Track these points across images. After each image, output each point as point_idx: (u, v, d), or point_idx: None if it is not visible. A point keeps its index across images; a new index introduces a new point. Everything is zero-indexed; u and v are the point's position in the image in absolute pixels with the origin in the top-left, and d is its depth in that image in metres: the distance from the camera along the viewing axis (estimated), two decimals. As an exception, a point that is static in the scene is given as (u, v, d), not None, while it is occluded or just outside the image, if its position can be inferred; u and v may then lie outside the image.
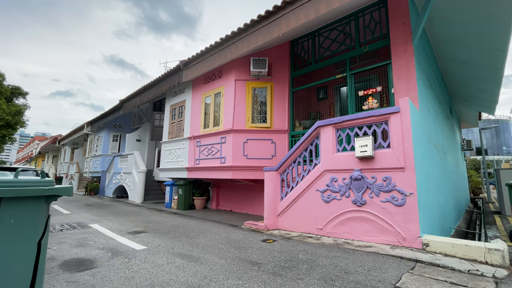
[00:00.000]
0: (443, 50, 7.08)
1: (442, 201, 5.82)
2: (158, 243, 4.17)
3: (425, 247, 3.62)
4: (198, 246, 3.99)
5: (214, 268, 3.03)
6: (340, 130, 4.81)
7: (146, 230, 5.24)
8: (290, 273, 2.87)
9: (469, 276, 2.80)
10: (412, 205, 3.74)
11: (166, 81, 8.93)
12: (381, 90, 5.45)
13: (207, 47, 7.13)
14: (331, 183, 4.67)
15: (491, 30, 5.46)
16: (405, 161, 3.86)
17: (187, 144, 8.32)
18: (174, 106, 9.33)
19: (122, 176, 12.22)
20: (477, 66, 7.19)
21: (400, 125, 3.98)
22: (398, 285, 2.55)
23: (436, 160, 5.81)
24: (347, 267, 3.07)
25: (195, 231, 5.14)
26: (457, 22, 5.67)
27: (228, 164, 6.70)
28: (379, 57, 5.88)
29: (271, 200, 5.49)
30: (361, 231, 4.23)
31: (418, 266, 3.08)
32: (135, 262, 3.26)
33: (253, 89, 7.06)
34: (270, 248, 3.89)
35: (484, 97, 9.55)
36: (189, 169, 8.08)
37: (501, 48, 6.00)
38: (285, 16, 5.42)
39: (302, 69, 6.97)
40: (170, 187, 9.19)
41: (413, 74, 4.71)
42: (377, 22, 5.48)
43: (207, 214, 7.62)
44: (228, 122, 6.89)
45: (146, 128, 13.68)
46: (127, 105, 11.76)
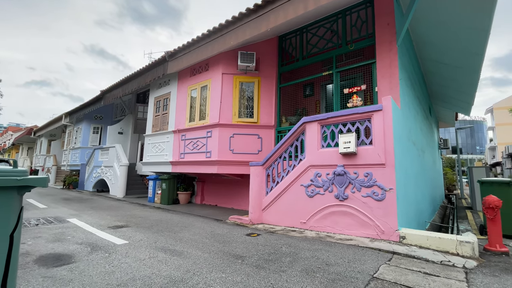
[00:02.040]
0: (425, 51, 7.33)
1: (419, 196, 6.10)
2: (140, 238, 4.09)
3: (402, 239, 3.79)
4: (181, 241, 3.96)
5: (198, 262, 3.02)
6: (325, 126, 4.89)
7: (128, 224, 5.13)
8: (273, 266, 2.92)
9: (442, 267, 2.97)
10: (391, 200, 3.89)
11: (150, 72, 8.68)
12: (366, 89, 5.57)
13: (194, 39, 6.98)
14: (315, 178, 4.76)
15: (471, 34, 5.71)
16: (386, 158, 4.00)
17: (171, 137, 8.16)
18: (159, 99, 9.10)
19: (103, 169, 11.82)
20: (456, 68, 7.52)
21: (382, 122, 4.10)
22: (376, 276, 2.65)
23: (414, 158, 6.06)
24: (328, 259, 3.16)
25: (178, 226, 5.09)
26: (439, 25, 5.88)
27: (214, 159, 6.65)
28: (364, 55, 6.00)
29: (256, 194, 5.52)
30: (343, 225, 4.35)
31: (395, 258, 3.22)
32: (115, 256, 3.19)
33: (241, 83, 7.00)
34: (254, 242, 3.92)
35: (461, 98, 10.02)
36: (173, 163, 7.95)
37: (478, 52, 6.30)
38: (274, 10, 5.39)
39: (290, 65, 6.99)
40: (153, 182, 9.01)
41: (396, 73, 4.86)
42: (364, 21, 5.58)
43: (191, 208, 7.56)
44: (215, 116, 6.82)
45: (128, 121, 13.27)
46: (109, 96, 11.33)
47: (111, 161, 11.28)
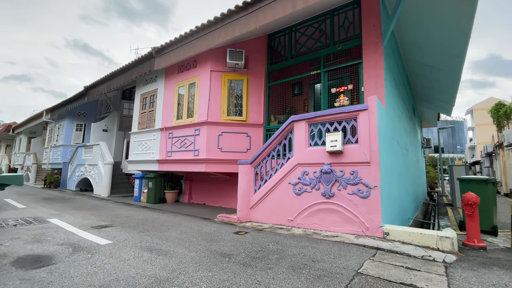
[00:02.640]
0: (409, 53, 7.54)
1: (403, 194, 6.28)
2: (125, 238, 4.00)
3: (385, 236, 3.89)
4: (168, 240, 3.90)
5: (184, 261, 2.98)
6: (312, 125, 4.94)
7: (112, 224, 5.00)
8: (260, 263, 2.92)
9: (423, 261, 3.07)
10: (376, 197, 3.98)
11: (136, 68, 8.47)
12: (352, 88, 5.67)
13: (182, 35, 6.87)
14: (302, 176, 4.80)
15: (452, 37, 5.92)
16: (371, 156, 4.09)
17: (158, 135, 8.01)
18: (145, 95, 8.90)
19: (86, 168, 11.47)
20: (438, 70, 7.78)
21: (368, 122, 4.18)
22: (360, 271, 2.71)
23: (398, 156, 6.23)
24: (314, 256, 3.20)
25: (165, 225, 5.01)
26: (423, 28, 6.06)
27: (202, 157, 6.58)
28: (351, 56, 6.10)
29: (244, 193, 5.51)
30: (329, 222, 4.42)
31: (379, 254, 3.30)
32: (98, 257, 3.10)
33: (229, 81, 6.96)
34: (241, 240, 3.92)
35: (443, 99, 10.39)
36: (160, 161, 7.81)
37: (459, 54, 6.54)
38: (262, 8, 5.38)
39: (279, 63, 7.01)
40: (139, 180, 8.83)
41: (381, 74, 4.96)
42: (351, 22, 5.66)
43: (178, 207, 7.46)
44: (203, 114, 6.75)
45: (113, 118, 12.92)
46: (93, 92, 10.99)
47: (95, 159, 10.96)
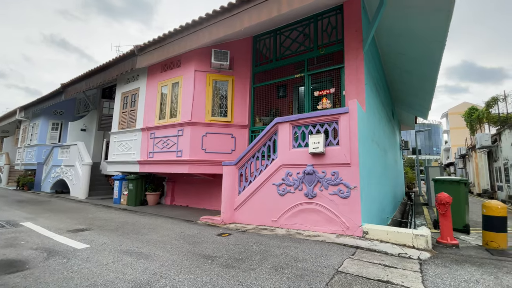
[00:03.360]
0: (388, 58, 7.85)
1: (382, 194, 6.52)
2: (104, 241, 3.86)
3: (365, 234, 4.03)
4: (149, 243, 3.81)
5: (165, 264, 2.93)
6: (296, 127, 5.02)
7: (90, 227, 4.82)
8: (243, 265, 2.93)
9: (399, 259, 3.21)
10: (356, 197, 4.11)
11: (117, 66, 8.22)
12: (334, 92, 5.82)
13: (166, 34, 6.75)
14: (286, 177, 4.87)
15: (429, 44, 6.23)
16: (351, 158, 4.22)
17: (139, 135, 7.81)
18: (126, 94, 8.65)
19: (62, 169, 10.95)
20: (416, 75, 8.16)
21: (348, 124, 4.31)
22: (340, 270, 2.79)
23: (378, 157, 6.46)
24: (297, 255, 3.25)
25: (146, 228, 4.89)
26: (401, 35, 6.33)
27: (185, 158, 6.49)
28: (334, 60, 6.25)
29: (228, 194, 5.49)
30: (312, 222, 4.51)
31: (358, 252, 3.41)
32: (75, 262, 2.98)
33: (214, 81, 6.91)
34: (225, 242, 3.90)
35: (420, 103, 10.89)
36: (141, 162, 7.62)
37: (435, 60, 6.90)
38: (248, 10, 5.41)
39: (264, 65, 7.06)
40: (119, 182, 8.55)
41: (362, 78, 5.13)
42: (334, 27, 5.81)
43: (160, 210, 7.30)
44: (186, 114, 6.66)
45: (93, 117, 12.44)
46: (71, 90, 10.53)
47: (73, 160, 10.50)
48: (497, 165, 15.85)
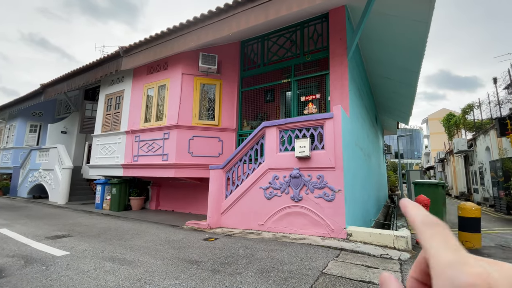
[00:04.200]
0: (372, 66, 8.14)
1: (365, 197, 6.70)
2: (85, 248, 3.74)
3: (349, 237, 4.13)
4: (132, 249, 3.73)
5: (150, 270, 2.88)
6: (283, 131, 5.10)
7: (70, 234, 4.64)
8: (229, 269, 2.93)
9: (381, 260, 3.31)
10: (340, 201, 4.21)
11: (102, 67, 8.03)
12: (320, 97, 5.96)
13: (153, 36, 6.69)
14: (273, 180, 4.91)
15: (408, 53, 6.52)
16: (336, 161, 4.33)
17: (124, 138, 7.63)
18: (110, 96, 8.45)
19: (41, 173, 10.49)
20: (397, 82, 8.49)
21: (333, 129, 4.43)
22: (324, 271, 2.85)
23: (361, 161, 6.65)
24: (282, 258, 3.28)
25: (130, 233, 4.77)
26: (384, 44, 6.60)
27: (171, 162, 6.40)
28: (319, 66, 6.41)
29: (215, 198, 5.47)
30: (298, 225, 4.56)
31: (342, 254, 3.49)
32: (54, 269, 2.87)
33: (202, 85, 6.90)
34: (211, 246, 3.88)
35: (401, 109, 11.32)
36: (125, 166, 7.44)
37: (415, 69, 7.22)
38: (236, 16, 5.48)
39: (252, 70, 7.13)
40: (102, 186, 8.30)
41: (346, 85, 5.30)
42: (319, 34, 5.98)
43: (145, 215, 7.14)
44: (173, 117, 6.59)
45: (74, 119, 12.03)
46: (51, 91, 10.16)
47: (52, 163, 10.08)
48: (473, 168, 16.67)
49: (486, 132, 14.08)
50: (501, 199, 10.25)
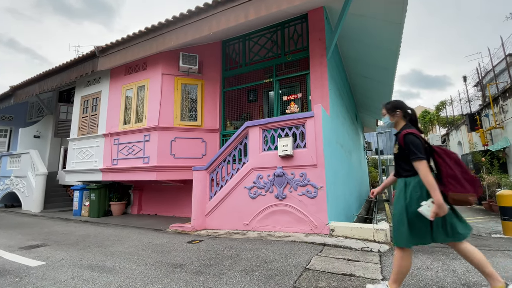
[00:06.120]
0: (350, 65, 8.37)
1: (347, 193, 6.89)
2: (62, 257, 3.58)
3: (331, 232, 4.23)
4: (113, 255, 3.61)
5: (131, 276, 2.81)
6: (266, 131, 5.13)
7: (46, 243, 4.42)
8: (213, 270, 2.91)
9: (362, 253, 3.42)
10: (322, 197, 4.31)
11: (76, 68, 7.70)
12: (302, 97, 6.06)
13: (130, 35, 6.50)
14: (257, 180, 4.93)
15: (384, 53, 6.78)
16: (317, 159, 4.42)
17: (102, 142, 7.36)
18: (87, 98, 8.12)
19: (12, 180, 9.90)
20: (375, 81, 8.80)
21: (314, 128, 4.53)
22: (308, 267, 2.90)
23: (342, 158, 6.83)
24: (267, 257, 3.31)
25: (110, 239, 4.62)
26: (361, 44, 6.81)
27: (152, 164, 6.26)
28: (300, 66, 6.51)
29: (199, 200, 5.41)
30: (283, 223, 4.62)
31: (325, 249, 3.58)
32: (29, 280, 2.73)
33: (183, 85, 6.79)
34: (195, 249, 3.84)
35: (379, 107, 11.73)
36: (104, 170, 7.18)
37: (391, 68, 7.51)
38: (216, 15, 5.44)
39: (234, 70, 7.11)
40: (79, 192, 7.96)
41: (326, 84, 5.42)
42: (299, 34, 6.07)
43: (126, 220, 6.93)
44: (153, 119, 6.44)
45: (48, 122, 11.43)
46: (22, 93, 9.61)
47: (24, 170, 9.54)
48: (446, 162, 17.59)
49: (458, 127, 14.93)
50: (472, 190, 10.89)
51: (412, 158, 1.99)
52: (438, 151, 2.06)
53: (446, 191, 1.96)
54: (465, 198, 1.94)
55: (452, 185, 1.95)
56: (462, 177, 1.95)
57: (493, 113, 10.38)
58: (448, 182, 1.97)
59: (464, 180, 1.95)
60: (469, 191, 1.93)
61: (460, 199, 1.95)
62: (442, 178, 2.00)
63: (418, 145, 1.99)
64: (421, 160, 1.94)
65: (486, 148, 10.46)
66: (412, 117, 2.23)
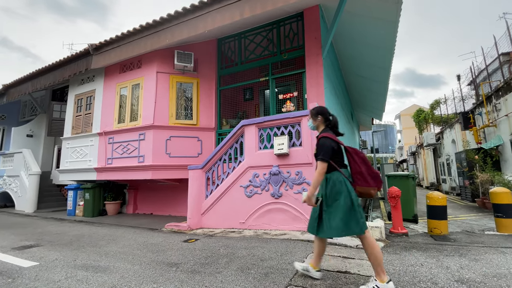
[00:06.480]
0: (346, 64, 8.40)
1: (343, 191, 6.90)
2: (55, 257, 3.53)
3: (327, 230, 4.24)
4: (108, 255, 3.58)
5: (126, 276, 2.78)
6: (262, 129, 5.12)
7: (39, 243, 4.36)
8: (209, 269, 2.90)
9: (357, 250, 3.44)
10: (318, 195, 4.32)
11: (70, 66, 7.59)
12: (297, 95, 6.07)
13: (124, 33, 6.43)
14: (253, 178, 4.93)
15: (379, 51, 6.80)
16: (313, 157, 4.42)
17: (96, 140, 7.28)
18: (81, 96, 8.02)
19: (5, 180, 9.75)
20: (370, 80, 8.83)
21: (310, 126, 4.52)
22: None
23: (339, 157, 6.83)
24: (263, 255, 3.31)
25: (105, 239, 4.58)
26: (357, 43, 6.83)
27: (147, 163, 6.21)
28: (296, 65, 6.50)
29: (195, 199, 5.39)
30: (279, 221, 4.62)
31: (321, 247, 3.58)
32: (22, 281, 2.69)
33: (178, 83, 6.74)
34: (191, 248, 3.82)
35: (375, 106, 11.81)
36: (99, 169, 7.10)
37: (386, 66, 7.54)
38: (211, 13, 5.41)
39: (229, 68, 7.08)
40: (74, 192, 7.88)
41: (321, 83, 5.42)
42: (295, 33, 6.06)
43: (121, 219, 6.88)
44: (148, 117, 6.39)
45: (41, 121, 11.27)
46: (14, 92, 9.46)
47: (17, 169, 9.41)
48: (441, 160, 17.81)
49: (452, 126, 15.09)
50: (466, 188, 11.04)
51: (317, 157, 2.31)
52: (350, 151, 2.36)
53: (354, 185, 2.26)
54: (368, 191, 2.26)
55: (359, 180, 2.25)
56: (367, 173, 2.24)
57: (486, 111, 10.51)
58: (356, 177, 2.26)
59: (368, 176, 2.23)
60: (371, 185, 2.23)
61: (364, 192, 2.26)
62: (352, 174, 2.31)
63: (326, 148, 2.29)
64: (322, 161, 2.26)
65: (479, 146, 10.59)
66: (332, 123, 2.53)
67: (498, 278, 2.49)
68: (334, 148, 2.33)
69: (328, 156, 2.27)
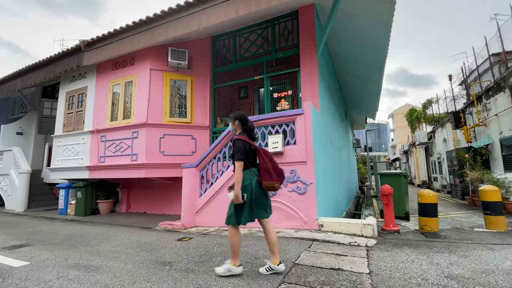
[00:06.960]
0: (340, 63, 8.45)
1: (337, 189, 6.98)
2: (46, 257, 3.48)
3: (320, 227, 4.29)
4: (100, 254, 3.54)
5: (119, 275, 2.76)
6: (256, 128, 5.11)
7: (30, 243, 4.29)
8: (203, 267, 2.90)
9: (350, 247, 3.49)
10: (312, 193, 4.35)
11: (61, 62, 7.45)
12: (292, 94, 6.08)
13: (117, 29, 6.34)
14: (247, 177, 4.92)
15: (373, 51, 6.86)
16: (307, 156, 4.45)
17: (88, 138, 7.18)
18: (72, 94, 7.88)
19: (-6, 179, 9.53)
20: (364, 79, 8.91)
21: (304, 125, 4.55)
22: (297, 262, 2.94)
23: (332, 155, 6.91)
24: (257, 253, 3.33)
25: (97, 238, 4.52)
26: (351, 43, 6.87)
27: (140, 162, 6.15)
28: (291, 63, 6.51)
29: (189, 197, 5.36)
30: (273, 219, 4.59)
31: (314, 244, 3.62)
32: (12, 281, 2.64)
33: (172, 81, 6.68)
34: (185, 246, 3.81)
35: (368, 105, 11.92)
36: (91, 168, 7.01)
37: (379, 66, 7.61)
38: (206, 10, 5.36)
39: (224, 66, 7.05)
40: (65, 190, 7.75)
41: (316, 82, 5.45)
42: (290, 32, 6.07)
43: (114, 218, 6.81)
44: (142, 115, 6.32)
45: (31, 118, 11.04)
46: (3, 88, 9.24)
47: (7, 168, 9.21)
48: (432, 159, 18.11)
49: (443, 125, 15.35)
50: (456, 186, 11.27)
51: (234, 158, 2.63)
52: (260, 150, 2.71)
53: (261, 180, 2.59)
54: (273, 185, 2.62)
55: (265, 175, 2.59)
56: (272, 170, 2.62)
57: (476, 111, 10.72)
58: (263, 173, 2.60)
59: (273, 172, 2.61)
60: (275, 179, 2.61)
61: (270, 186, 2.61)
62: (260, 170, 2.65)
63: (241, 149, 2.60)
64: (238, 160, 2.59)
65: (469, 145, 10.80)
66: (247, 128, 2.83)
67: (486, 274, 2.55)
68: (246, 149, 2.64)
69: (243, 155, 2.59)
